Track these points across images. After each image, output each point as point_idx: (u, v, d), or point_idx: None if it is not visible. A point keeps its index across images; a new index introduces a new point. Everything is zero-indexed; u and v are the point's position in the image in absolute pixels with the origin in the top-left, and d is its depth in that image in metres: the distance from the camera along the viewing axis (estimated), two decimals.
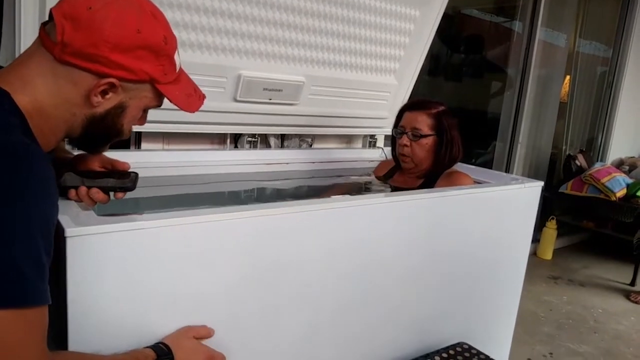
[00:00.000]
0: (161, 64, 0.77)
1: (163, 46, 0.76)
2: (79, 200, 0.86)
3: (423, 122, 1.55)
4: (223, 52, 1.45)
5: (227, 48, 1.45)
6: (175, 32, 1.31)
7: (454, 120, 1.57)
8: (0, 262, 0.59)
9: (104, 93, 0.74)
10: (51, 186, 0.67)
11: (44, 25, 0.73)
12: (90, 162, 0.90)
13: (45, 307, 0.64)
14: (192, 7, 1.32)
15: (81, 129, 0.77)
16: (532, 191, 1.57)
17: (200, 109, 1.51)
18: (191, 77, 1.42)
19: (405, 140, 1.56)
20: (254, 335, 1.00)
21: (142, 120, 0.85)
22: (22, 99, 0.70)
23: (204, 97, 0.88)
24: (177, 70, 0.82)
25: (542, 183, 1.58)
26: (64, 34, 0.69)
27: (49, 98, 0.72)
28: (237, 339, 0.96)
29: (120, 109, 0.77)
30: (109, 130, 0.80)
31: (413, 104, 1.62)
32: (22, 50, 1.16)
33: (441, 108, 1.58)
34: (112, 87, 0.74)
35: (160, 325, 0.86)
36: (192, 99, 0.85)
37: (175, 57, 0.80)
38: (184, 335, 0.87)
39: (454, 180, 1.51)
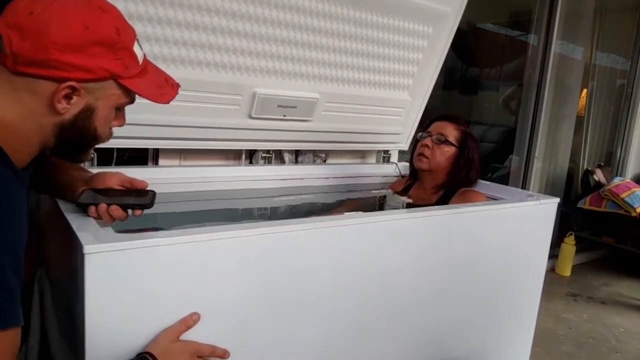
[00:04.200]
0: (119, 57, 0.73)
1: (117, 39, 0.72)
2: (98, 217, 0.88)
3: (450, 132, 1.59)
4: (239, 70, 1.48)
5: (243, 67, 1.48)
6: (192, 52, 1.37)
7: (478, 146, 1.62)
8: None
9: (68, 98, 0.71)
10: (16, 209, 0.65)
11: None
12: (109, 180, 0.92)
13: (15, 329, 0.63)
14: (208, 27, 1.35)
15: (54, 139, 0.75)
16: (548, 208, 1.55)
17: (216, 125, 1.57)
18: (207, 95, 1.48)
19: (428, 141, 1.59)
20: (268, 350, 1.01)
21: (120, 120, 0.82)
22: None
23: (177, 86, 0.85)
24: (141, 62, 0.78)
25: (557, 199, 1.56)
26: (12, 45, 0.67)
27: (14, 112, 0.70)
28: (251, 353, 0.97)
29: (88, 111, 0.75)
30: (83, 136, 0.77)
31: (445, 115, 1.67)
32: None
33: (469, 130, 1.64)
34: (74, 90, 0.71)
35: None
36: (164, 89, 0.81)
37: (135, 48, 0.76)
38: (166, 339, 0.83)
39: (468, 199, 1.51)
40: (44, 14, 0.67)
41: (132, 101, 0.81)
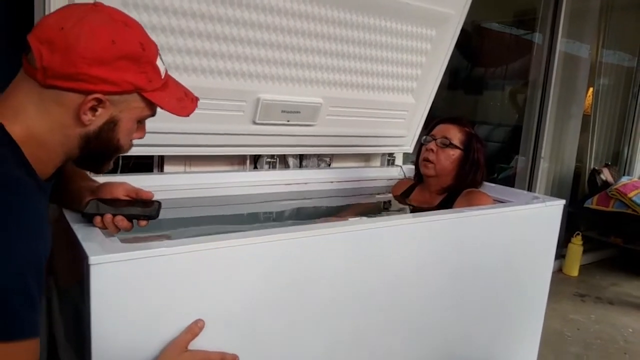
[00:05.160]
0: (143, 71, 0.76)
1: (141, 53, 0.76)
2: (103, 227, 0.89)
3: (454, 134, 1.58)
4: (242, 76, 1.48)
5: (246, 73, 1.48)
6: (196, 60, 1.38)
7: (483, 147, 1.60)
8: None
9: (93, 110, 0.74)
10: (39, 219, 0.67)
11: (25, 54, 0.74)
12: (115, 190, 0.93)
13: (35, 340, 0.65)
14: (211, 35, 1.36)
15: (78, 150, 0.78)
16: (553, 210, 1.54)
17: (221, 132, 1.58)
18: (211, 102, 1.49)
19: (432, 145, 1.58)
20: (276, 357, 1.01)
21: (141, 132, 0.85)
22: (15, 129, 0.71)
23: (197, 99, 0.87)
24: (163, 76, 0.81)
25: (563, 201, 1.55)
26: (42, 59, 0.70)
27: (42, 124, 0.73)
28: None
29: (112, 123, 0.77)
30: (106, 147, 0.80)
31: (448, 118, 1.65)
32: None
33: (474, 131, 1.62)
34: (100, 102, 0.74)
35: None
36: (184, 102, 0.84)
37: (158, 62, 0.80)
38: (175, 351, 0.84)
39: (473, 200, 1.50)
40: (73, 30, 0.70)
41: (153, 114, 0.83)
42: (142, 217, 0.89)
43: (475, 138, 1.60)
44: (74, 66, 0.70)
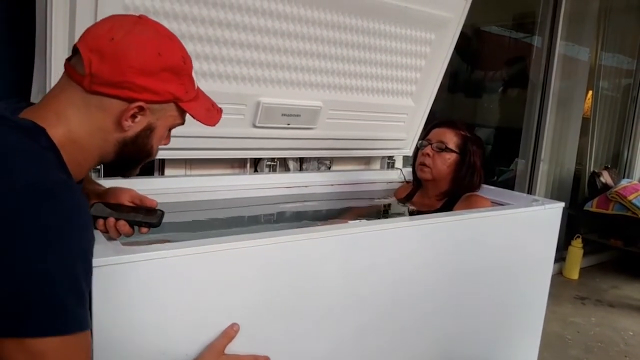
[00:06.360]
0: (182, 82, 0.81)
1: (182, 66, 0.80)
2: (105, 230, 0.90)
3: (450, 138, 1.58)
4: (242, 80, 1.49)
5: (247, 77, 1.49)
6: (197, 64, 1.39)
7: (480, 150, 1.59)
8: (42, 293, 0.62)
9: (133, 117, 0.78)
10: (87, 219, 0.70)
11: (68, 60, 0.78)
12: (120, 195, 0.94)
13: (87, 333, 0.68)
14: (212, 39, 1.37)
15: (114, 154, 0.81)
16: (553, 212, 1.55)
17: (221, 135, 1.58)
18: None
19: (428, 150, 1.58)
20: (277, 358, 1.01)
21: (167, 139, 0.89)
22: (57, 132, 0.74)
23: (221, 110, 0.92)
24: (195, 87, 0.86)
25: (562, 204, 1.56)
26: (91, 66, 0.73)
27: (83, 128, 0.76)
28: None
29: (149, 130, 0.82)
30: (140, 152, 0.84)
31: (444, 122, 1.65)
32: (52, 84, 1.23)
33: (470, 134, 1.60)
34: (141, 110, 0.78)
35: (186, 353, 0.88)
36: (211, 113, 0.89)
37: (193, 74, 0.84)
38: (213, 356, 0.88)
39: (472, 204, 1.51)
40: (123, 41, 0.74)
41: (183, 123, 0.87)
42: (144, 224, 0.90)
43: (471, 141, 1.59)
44: (122, 75, 0.74)
